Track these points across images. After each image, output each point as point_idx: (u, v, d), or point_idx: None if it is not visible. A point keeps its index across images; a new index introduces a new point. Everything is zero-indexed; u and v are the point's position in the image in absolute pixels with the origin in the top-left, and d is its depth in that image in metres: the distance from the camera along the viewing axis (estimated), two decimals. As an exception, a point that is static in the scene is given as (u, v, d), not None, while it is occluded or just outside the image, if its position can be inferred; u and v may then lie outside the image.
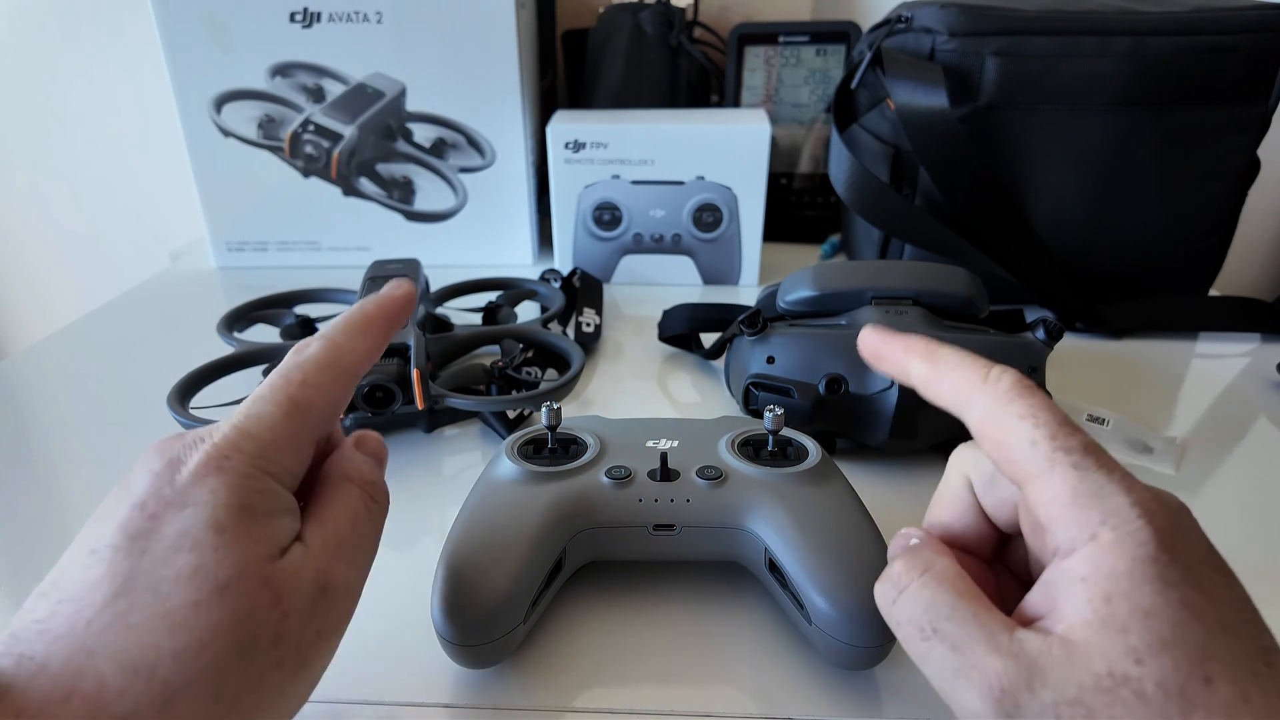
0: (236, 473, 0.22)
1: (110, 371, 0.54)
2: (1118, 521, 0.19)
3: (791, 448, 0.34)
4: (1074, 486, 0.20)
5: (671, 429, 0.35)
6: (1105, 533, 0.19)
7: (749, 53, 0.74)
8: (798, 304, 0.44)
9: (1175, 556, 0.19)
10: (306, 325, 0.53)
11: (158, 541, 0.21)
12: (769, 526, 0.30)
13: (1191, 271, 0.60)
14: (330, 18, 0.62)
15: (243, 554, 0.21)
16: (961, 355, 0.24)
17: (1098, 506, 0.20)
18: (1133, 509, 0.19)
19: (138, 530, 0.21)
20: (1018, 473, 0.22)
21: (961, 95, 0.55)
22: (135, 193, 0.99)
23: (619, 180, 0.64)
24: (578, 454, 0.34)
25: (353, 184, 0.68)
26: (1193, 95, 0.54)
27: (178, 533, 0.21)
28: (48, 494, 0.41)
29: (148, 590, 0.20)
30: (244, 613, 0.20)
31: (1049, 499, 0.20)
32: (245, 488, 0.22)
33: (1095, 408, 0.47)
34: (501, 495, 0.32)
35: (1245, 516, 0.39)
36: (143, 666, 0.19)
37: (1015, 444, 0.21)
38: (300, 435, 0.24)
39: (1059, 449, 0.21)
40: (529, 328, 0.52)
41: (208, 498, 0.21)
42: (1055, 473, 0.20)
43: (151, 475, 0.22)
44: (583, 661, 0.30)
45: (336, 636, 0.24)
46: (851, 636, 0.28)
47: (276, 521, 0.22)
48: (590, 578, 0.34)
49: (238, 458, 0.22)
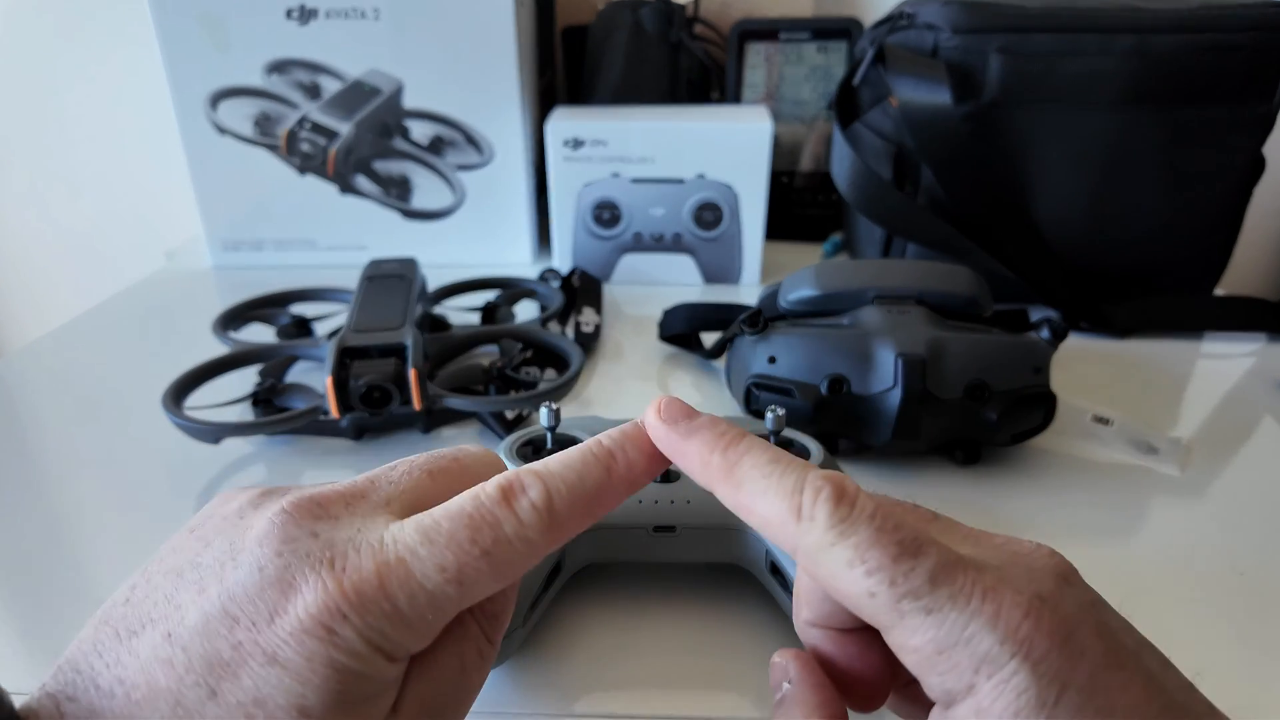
0: (346, 649, 0.18)
1: (105, 370, 0.54)
2: (991, 669, 0.17)
3: (793, 448, 0.34)
4: (933, 638, 0.18)
5: None
6: (981, 682, 0.17)
7: (750, 49, 0.74)
8: (799, 303, 0.44)
9: (1064, 690, 0.17)
10: (302, 325, 0.53)
11: (230, 687, 0.17)
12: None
13: (1197, 271, 0.60)
14: (327, 14, 0.62)
15: None
16: (766, 482, 0.20)
17: (965, 653, 0.17)
18: (1004, 649, 0.17)
19: (216, 657, 0.18)
20: (870, 621, 0.19)
21: (965, 93, 0.54)
22: (131, 191, 0.99)
23: (619, 178, 0.63)
24: None
25: (349, 182, 0.67)
26: (1197, 93, 0.53)
27: (253, 697, 0.17)
28: (44, 493, 0.41)
29: None
30: None
31: (910, 651, 0.18)
32: (349, 671, 0.18)
33: (1100, 408, 0.47)
34: None
35: (1251, 518, 0.39)
36: None
37: (854, 597, 0.18)
38: (448, 611, 0.19)
39: (904, 595, 0.18)
40: (528, 327, 0.51)
41: (303, 667, 0.17)
42: (908, 623, 0.18)
43: (256, 573, 0.18)
44: (582, 665, 0.30)
45: None
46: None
47: (372, 706, 0.19)
48: (590, 580, 0.34)
49: (354, 625, 0.18)
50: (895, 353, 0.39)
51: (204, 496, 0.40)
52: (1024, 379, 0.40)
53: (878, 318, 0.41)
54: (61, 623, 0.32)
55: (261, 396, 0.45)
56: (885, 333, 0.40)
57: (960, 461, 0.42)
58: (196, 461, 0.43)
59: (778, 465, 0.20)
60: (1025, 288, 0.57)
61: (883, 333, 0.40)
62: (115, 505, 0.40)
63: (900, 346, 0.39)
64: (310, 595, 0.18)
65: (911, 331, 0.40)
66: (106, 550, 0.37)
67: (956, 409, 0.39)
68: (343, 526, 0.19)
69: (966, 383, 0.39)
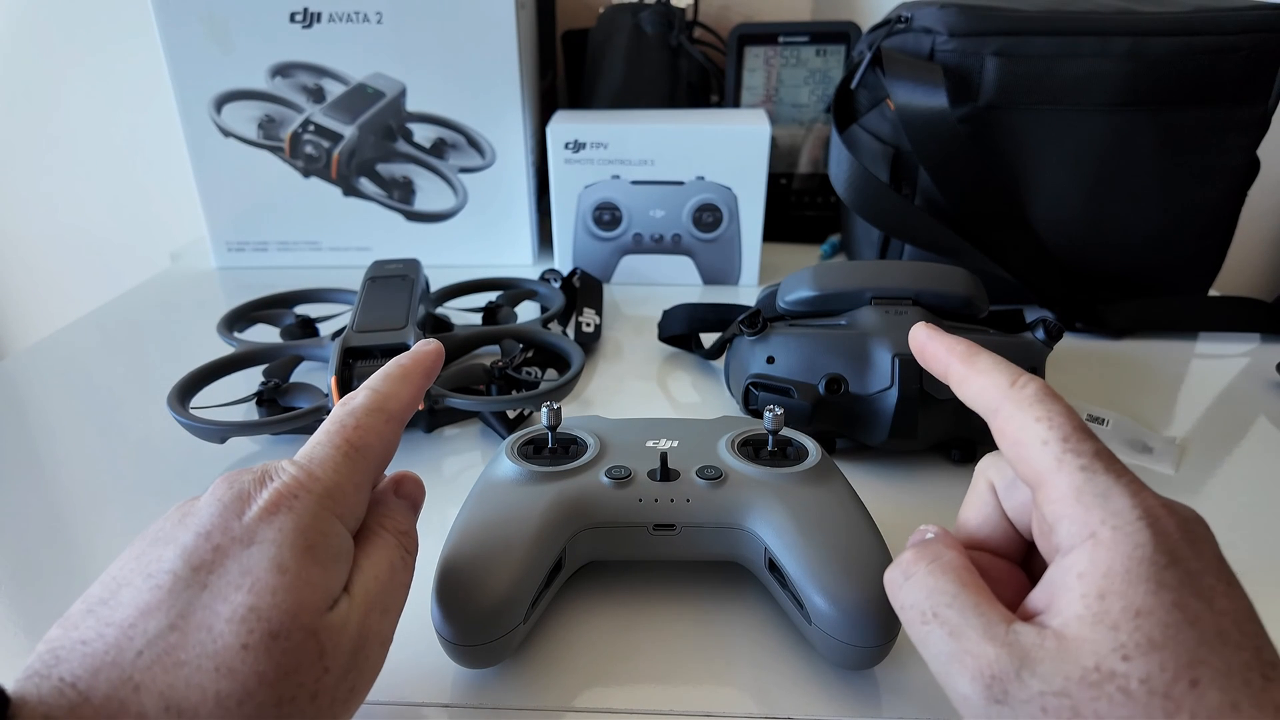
0: (305, 512, 0.22)
1: (110, 371, 0.54)
2: (1118, 522, 0.20)
3: (791, 447, 0.34)
4: (1079, 486, 0.21)
5: (671, 429, 0.35)
6: (1105, 531, 0.20)
7: (749, 53, 0.74)
8: (798, 304, 0.44)
9: (1175, 561, 0.19)
10: (306, 325, 0.53)
11: (219, 576, 0.21)
12: (769, 526, 0.30)
13: (1191, 271, 0.60)
14: (330, 18, 0.62)
15: (298, 601, 0.21)
16: (996, 361, 0.25)
17: (1100, 506, 0.20)
18: (1134, 510, 0.20)
19: (200, 561, 0.21)
20: (1029, 473, 0.22)
21: (961, 95, 0.55)
22: (136, 193, 0.99)
23: (619, 180, 0.64)
24: (578, 454, 0.34)
25: (353, 184, 0.68)
26: (1192, 95, 0.54)
27: (240, 570, 0.21)
28: (49, 492, 0.41)
29: (201, 627, 0.20)
30: (290, 667, 0.20)
31: (1055, 497, 0.21)
32: (312, 529, 0.22)
33: (1095, 408, 0.47)
34: (501, 495, 0.32)
35: (1245, 516, 0.39)
36: (186, 709, 0.19)
37: (1029, 444, 0.22)
38: (359, 476, 0.25)
39: (1069, 451, 0.21)
40: (529, 328, 0.52)
41: (275, 536, 0.21)
42: (1062, 473, 0.21)
43: (220, 506, 0.22)
44: (583, 661, 0.30)
45: (366, 689, 0.24)
46: (851, 636, 0.28)
47: (335, 567, 0.23)
48: (590, 578, 0.34)
49: (306, 498, 0.23)
50: (892, 353, 0.40)
51: (210, 495, 0.41)
52: (1019, 379, 0.40)
53: (875, 318, 0.42)
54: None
55: (266, 396, 0.45)
56: (882, 333, 0.41)
57: (956, 460, 0.43)
58: (202, 461, 0.43)
59: (1007, 362, 0.25)
60: (1021, 288, 0.57)
61: (880, 333, 0.41)
62: (121, 505, 0.40)
63: (897, 347, 0.40)
64: (266, 492, 0.23)
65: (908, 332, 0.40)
66: (111, 550, 0.37)
67: (952, 409, 0.40)
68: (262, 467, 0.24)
69: (962, 382, 0.39)
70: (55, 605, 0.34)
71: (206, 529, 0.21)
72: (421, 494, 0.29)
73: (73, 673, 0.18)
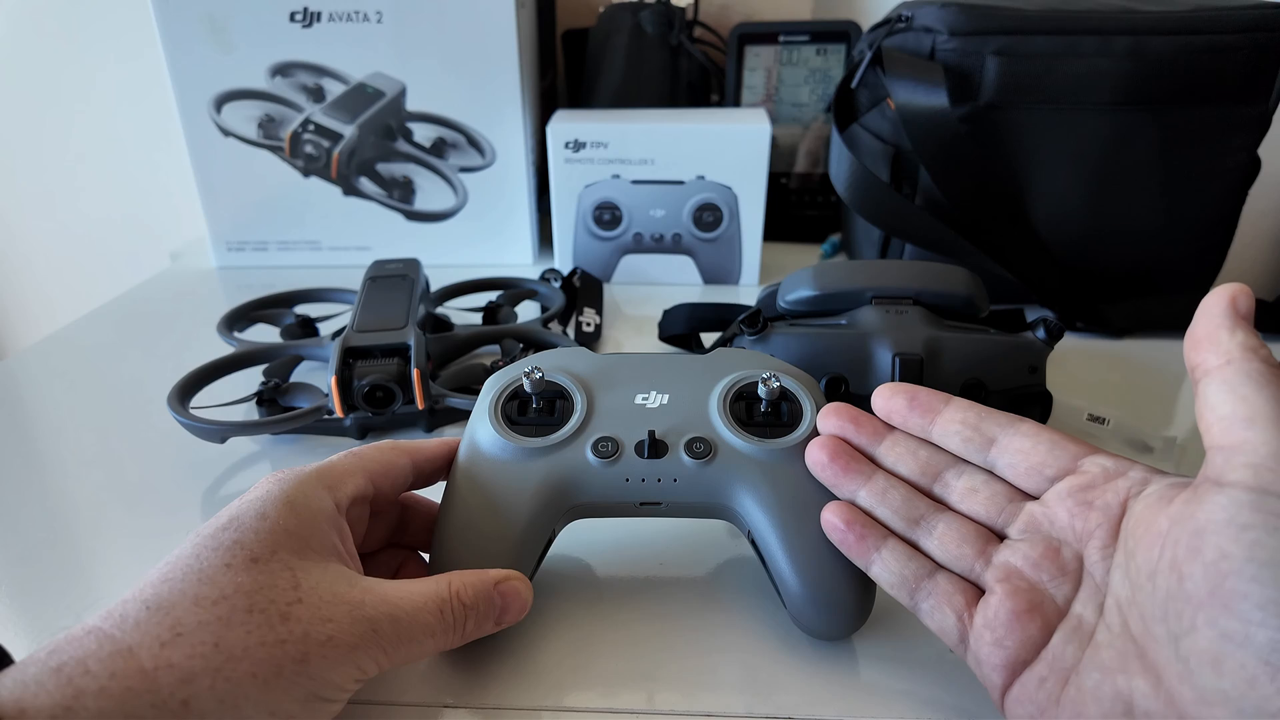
0: (290, 479, 0.27)
1: (110, 371, 0.54)
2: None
3: (786, 404, 0.33)
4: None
5: (662, 375, 0.34)
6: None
7: (749, 52, 0.74)
8: (798, 303, 0.44)
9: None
10: (306, 325, 0.53)
11: (215, 529, 0.25)
12: (754, 507, 0.31)
13: (1192, 271, 0.60)
14: (330, 17, 0.62)
15: (276, 540, 0.24)
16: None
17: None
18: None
19: (212, 533, 0.25)
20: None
21: (962, 94, 0.54)
22: (135, 192, 0.99)
23: (619, 180, 0.64)
24: (565, 414, 0.33)
25: (353, 183, 0.68)
26: (1193, 94, 0.54)
27: (230, 517, 0.25)
28: (50, 492, 0.41)
29: (192, 557, 0.24)
30: (265, 583, 0.23)
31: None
32: (294, 489, 0.26)
33: (1096, 407, 0.47)
34: (489, 475, 0.31)
35: (1245, 516, 0.39)
36: (164, 605, 0.22)
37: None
38: (353, 462, 0.29)
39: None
40: (529, 327, 0.52)
41: (261, 494, 0.26)
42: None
43: (232, 505, 0.26)
44: (581, 660, 0.30)
45: (350, 654, 0.24)
46: (822, 611, 0.30)
47: (317, 522, 0.26)
48: (589, 577, 0.34)
49: (295, 471, 0.28)
50: (892, 352, 0.40)
51: (209, 495, 0.41)
52: (1020, 378, 0.40)
53: (875, 318, 0.41)
54: (68, 622, 0.33)
55: (266, 396, 0.45)
56: (883, 332, 0.41)
57: (957, 460, 0.42)
58: (202, 461, 0.43)
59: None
60: (1022, 288, 0.57)
61: (880, 332, 0.41)
62: (121, 504, 0.40)
63: (897, 346, 0.40)
64: (274, 478, 0.27)
65: (909, 331, 0.40)
66: (112, 550, 0.37)
67: (953, 408, 0.40)
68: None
69: (963, 382, 0.40)
70: (55, 604, 0.34)
71: (218, 521, 0.25)
72: (514, 610, 0.29)
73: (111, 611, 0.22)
